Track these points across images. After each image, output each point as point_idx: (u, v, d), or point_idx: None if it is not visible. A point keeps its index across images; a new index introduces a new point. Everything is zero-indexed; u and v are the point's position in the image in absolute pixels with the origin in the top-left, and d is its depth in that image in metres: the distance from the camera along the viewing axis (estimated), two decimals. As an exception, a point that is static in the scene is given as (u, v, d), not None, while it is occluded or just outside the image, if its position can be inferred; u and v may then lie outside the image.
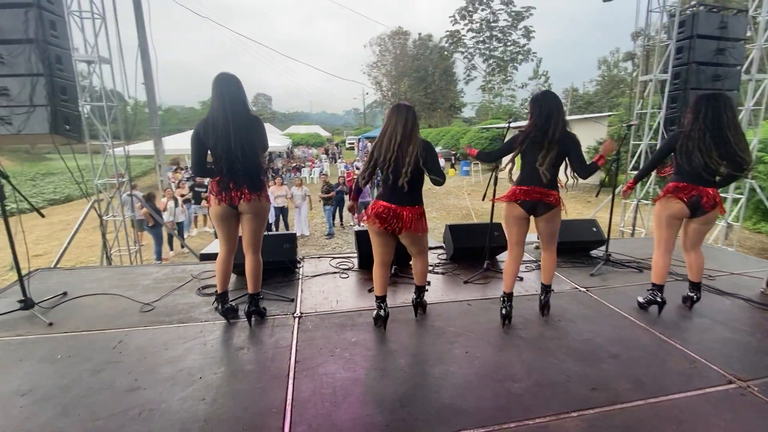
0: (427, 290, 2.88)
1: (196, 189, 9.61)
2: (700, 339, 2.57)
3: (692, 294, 2.97)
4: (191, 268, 3.87)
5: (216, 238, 8.61)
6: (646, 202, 6.89)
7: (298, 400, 1.97)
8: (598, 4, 6.54)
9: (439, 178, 2.45)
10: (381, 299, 2.63)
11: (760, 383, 2.10)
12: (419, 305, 2.84)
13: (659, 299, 2.88)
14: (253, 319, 2.71)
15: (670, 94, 6.00)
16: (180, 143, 16.71)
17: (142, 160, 22.12)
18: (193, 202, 9.54)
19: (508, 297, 2.72)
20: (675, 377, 2.18)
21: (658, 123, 6.23)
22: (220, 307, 2.70)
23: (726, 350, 2.44)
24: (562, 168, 2.65)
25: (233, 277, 3.58)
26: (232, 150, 2.38)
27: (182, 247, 7.91)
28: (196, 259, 6.21)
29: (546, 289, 2.84)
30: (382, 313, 2.62)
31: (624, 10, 6.55)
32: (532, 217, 2.70)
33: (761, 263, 3.98)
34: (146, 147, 12.85)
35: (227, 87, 2.40)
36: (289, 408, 1.91)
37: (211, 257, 4.28)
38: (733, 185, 6.80)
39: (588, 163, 2.58)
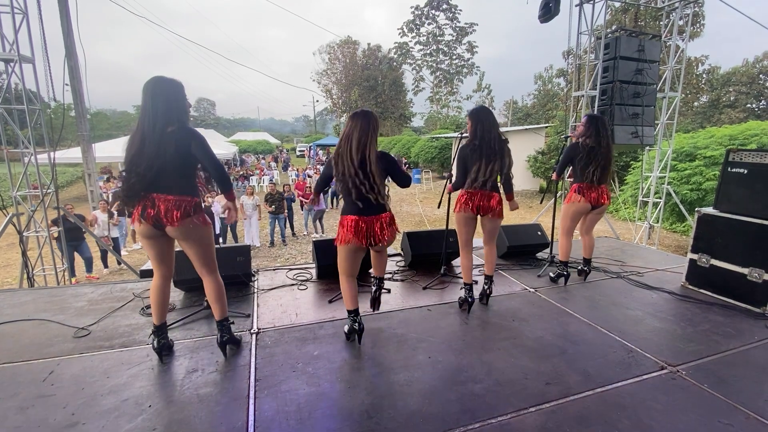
0: (389, 291, 2.98)
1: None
2: (635, 330, 2.83)
3: (586, 268, 3.77)
4: (132, 286, 3.56)
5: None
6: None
7: (260, 420, 1.88)
8: (535, 23, 7.25)
9: (405, 182, 2.57)
10: (354, 313, 2.54)
11: (687, 367, 2.37)
12: (378, 299, 2.75)
13: (566, 272, 3.65)
14: (228, 349, 2.40)
15: (599, 109, 6.62)
16: (111, 150, 15.43)
17: (66, 168, 20.15)
18: (127, 214, 8.83)
19: (470, 287, 3.06)
20: (616, 367, 2.38)
21: (590, 134, 6.84)
22: (155, 342, 2.32)
23: (657, 339, 2.71)
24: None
25: (180, 294, 3.36)
26: (153, 166, 2.05)
27: (119, 263, 7.27)
28: (135, 276, 5.73)
29: (490, 279, 3.17)
30: (356, 326, 2.52)
31: (557, 30, 7.15)
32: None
33: (679, 259, 4.48)
34: (72, 154, 11.69)
35: (153, 93, 2.07)
36: (252, 430, 1.82)
37: (153, 274, 3.97)
38: (652, 191, 7.63)
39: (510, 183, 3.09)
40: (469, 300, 3.05)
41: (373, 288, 2.76)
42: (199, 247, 2.26)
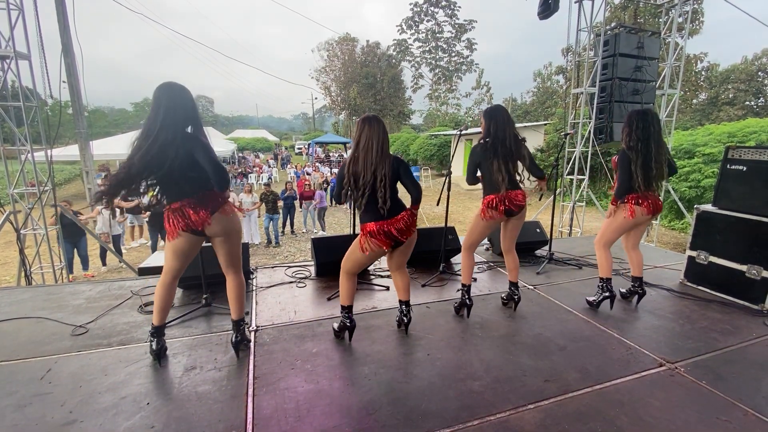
0: (387, 288, 2.79)
1: (130, 198, 8.87)
2: (633, 327, 2.84)
3: (639, 289, 3.18)
4: (130, 284, 3.55)
5: (153, 251, 7.90)
6: (581, 204, 7.49)
7: (259, 418, 1.88)
8: (534, 19, 7.26)
9: (416, 192, 2.46)
10: (348, 309, 2.55)
11: (685, 364, 2.37)
12: (408, 322, 2.67)
13: (611, 293, 3.05)
14: (240, 349, 2.39)
15: (598, 106, 6.61)
16: (110, 147, 15.35)
17: (64, 166, 20.08)
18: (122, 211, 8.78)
19: (469, 288, 2.98)
20: (615, 364, 2.38)
21: (589, 131, 6.83)
22: (155, 344, 2.29)
23: (655, 336, 2.72)
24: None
25: (179, 292, 3.35)
26: (175, 169, 2.05)
27: (120, 261, 7.25)
28: (133, 274, 5.72)
29: (516, 285, 3.05)
30: (348, 323, 2.54)
31: (556, 27, 7.14)
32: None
33: (678, 257, 4.49)
34: (70, 152, 11.64)
35: (167, 99, 2.06)
36: (250, 427, 1.82)
37: (151, 271, 3.96)
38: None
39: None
40: (468, 303, 2.93)
41: (402, 314, 2.66)
42: (234, 240, 2.27)
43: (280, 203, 9.50)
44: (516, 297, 3.03)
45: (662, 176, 2.90)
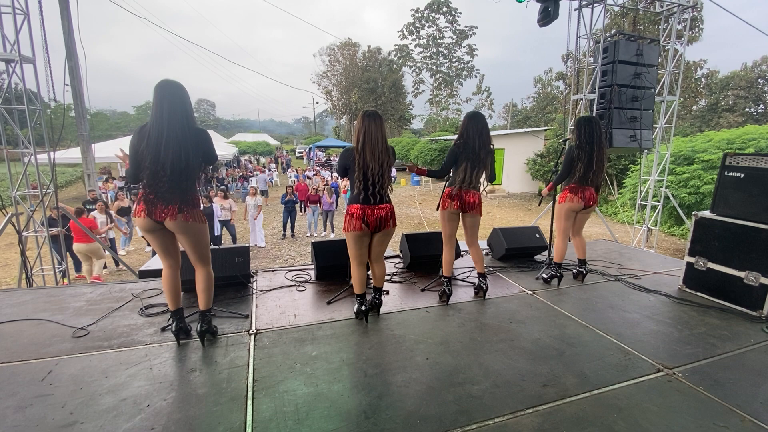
0: (387, 292, 3.17)
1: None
2: (631, 333, 2.85)
3: (582, 269, 3.82)
4: (131, 287, 3.57)
5: (153, 255, 7.91)
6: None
7: (258, 421, 1.89)
8: (535, 26, 7.31)
9: None
10: (361, 297, 2.87)
11: (683, 369, 2.38)
12: (378, 305, 3.01)
13: (560, 274, 3.72)
14: (206, 339, 2.57)
15: (598, 112, 6.65)
16: (111, 150, 15.39)
17: (65, 168, 20.16)
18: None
19: (449, 280, 3.30)
20: (613, 369, 2.39)
21: (588, 137, 6.86)
22: (173, 325, 2.51)
23: (654, 342, 2.73)
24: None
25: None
26: (160, 162, 2.21)
27: (117, 264, 7.27)
28: (134, 277, 5.74)
29: (483, 276, 3.37)
30: (363, 308, 2.86)
31: (556, 34, 7.19)
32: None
33: (677, 263, 4.50)
34: (71, 154, 11.70)
35: (169, 95, 2.25)
36: (249, 430, 1.83)
37: (152, 274, 3.98)
38: (650, 195, 7.66)
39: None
40: (448, 292, 3.25)
41: (374, 298, 2.99)
42: (191, 239, 2.41)
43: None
44: (484, 286, 3.34)
45: (601, 173, 3.50)
